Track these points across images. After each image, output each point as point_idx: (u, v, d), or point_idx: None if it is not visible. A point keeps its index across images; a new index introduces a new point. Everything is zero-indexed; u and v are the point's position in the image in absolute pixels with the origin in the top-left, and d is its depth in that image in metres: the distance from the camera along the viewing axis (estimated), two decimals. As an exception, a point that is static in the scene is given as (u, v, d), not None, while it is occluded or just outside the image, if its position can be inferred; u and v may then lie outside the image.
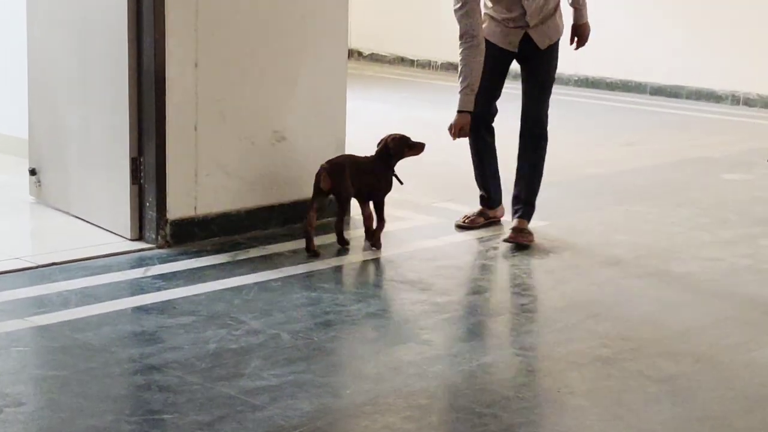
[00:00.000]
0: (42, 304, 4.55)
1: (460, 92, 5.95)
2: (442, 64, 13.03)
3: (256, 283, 4.92)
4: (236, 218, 5.63)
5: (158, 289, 4.79)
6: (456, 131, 5.98)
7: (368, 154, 5.73)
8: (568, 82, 12.01)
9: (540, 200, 6.32)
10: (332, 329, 4.47)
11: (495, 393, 3.85)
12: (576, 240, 5.86)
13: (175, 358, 4.04)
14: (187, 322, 4.40)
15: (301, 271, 5.12)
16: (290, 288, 4.88)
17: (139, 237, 5.44)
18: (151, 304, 4.62)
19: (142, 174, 5.41)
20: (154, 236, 5.39)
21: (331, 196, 5.58)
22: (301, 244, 5.49)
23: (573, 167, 7.54)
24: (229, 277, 5.00)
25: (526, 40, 5.93)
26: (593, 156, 8.22)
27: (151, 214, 5.39)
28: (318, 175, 5.46)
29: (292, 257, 5.33)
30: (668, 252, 5.70)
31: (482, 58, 5.86)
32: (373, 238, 5.59)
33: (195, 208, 5.48)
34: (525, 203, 5.89)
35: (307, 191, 5.75)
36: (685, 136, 9.23)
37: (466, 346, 4.28)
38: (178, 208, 5.42)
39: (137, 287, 4.83)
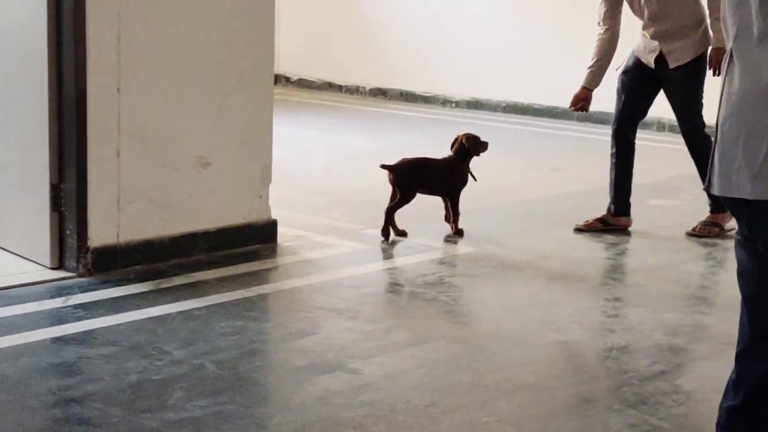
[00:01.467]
0: (-42, 335, 4.43)
1: (587, 68, 6.74)
2: (370, 89, 13.03)
3: (179, 312, 4.83)
4: (160, 246, 5.54)
5: (79, 319, 4.69)
6: (573, 101, 6.95)
7: (444, 156, 6.46)
8: (496, 108, 12.07)
9: (468, 225, 6.35)
10: (258, 358, 4.40)
11: (421, 423, 3.80)
12: (504, 267, 5.84)
13: (96, 389, 3.95)
14: (109, 353, 4.31)
15: (226, 300, 5.04)
16: (215, 317, 4.80)
17: (60, 265, 5.33)
18: (71, 334, 4.51)
19: (62, 201, 5.30)
20: (74, 264, 5.28)
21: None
22: (227, 272, 5.46)
23: (501, 192, 7.55)
24: (152, 306, 4.91)
25: (661, 60, 6.48)
26: (522, 181, 8.24)
27: (71, 241, 5.28)
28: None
29: (217, 285, 5.25)
30: (596, 278, 5.70)
31: (612, 48, 6.58)
32: (455, 229, 6.35)
33: (117, 235, 5.39)
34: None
35: (232, 218, 5.74)
36: (611, 161, 9.27)
37: (394, 374, 4.23)
38: (99, 235, 5.32)
39: (57, 317, 4.72)
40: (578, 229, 6.64)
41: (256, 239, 5.93)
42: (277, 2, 6.10)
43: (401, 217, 6.34)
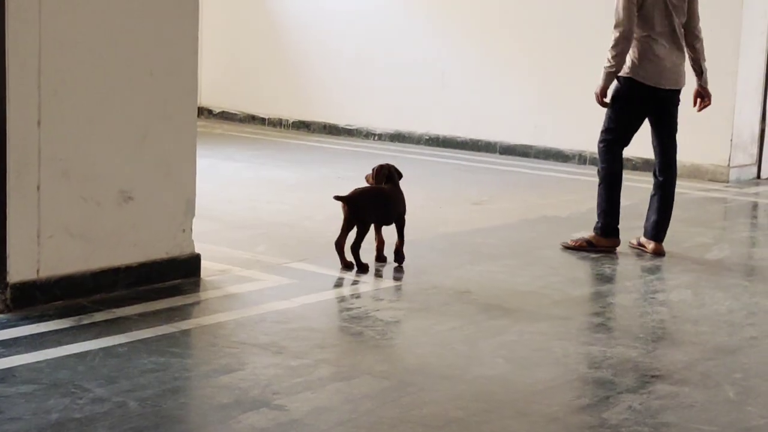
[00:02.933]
0: None
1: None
2: (293, 122, 13.00)
3: (101, 349, 4.75)
4: (81, 281, 5.44)
5: (-3, 357, 4.59)
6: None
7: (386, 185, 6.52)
8: (419, 141, 12.10)
9: (392, 259, 6.37)
10: (181, 396, 4.33)
11: (349, 459, 3.77)
12: (430, 300, 5.83)
13: (15, 429, 3.85)
14: (28, 391, 4.21)
15: (148, 336, 4.97)
16: (137, 353, 4.72)
17: (-22, 301, 5.22)
18: (-11, 372, 4.41)
19: (-20, 235, 5.19)
20: (-7, 301, 5.18)
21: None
22: (149, 307, 5.40)
23: (425, 226, 7.55)
24: (73, 342, 4.82)
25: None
26: (444, 215, 8.25)
27: (-10, 277, 5.18)
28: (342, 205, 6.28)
29: (139, 321, 5.17)
30: (520, 311, 5.71)
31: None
32: (384, 260, 6.47)
33: (37, 270, 5.29)
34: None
35: (154, 252, 5.69)
36: (534, 194, 9.35)
37: (320, 410, 4.19)
38: (19, 270, 5.22)
39: (-26, 355, 4.62)
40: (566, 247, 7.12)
41: (179, 274, 5.86)
42: (200, 34, 6.06)
43: (321, 244, 6.30)
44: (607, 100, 7.01)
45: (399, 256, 6.47)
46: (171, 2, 5.75)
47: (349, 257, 6.30)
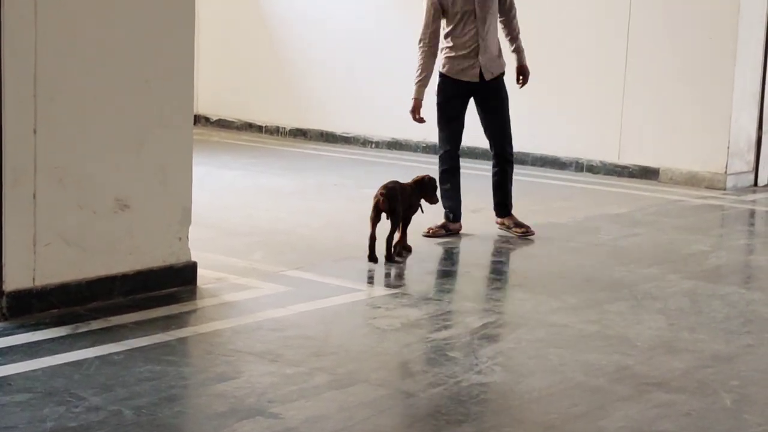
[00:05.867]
0: None
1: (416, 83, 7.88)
2: (290, 130, 13.00)
3: (97, 357, 4.74)
4: (77, 289, 5.44)
5: (-8, 365, 4.58)
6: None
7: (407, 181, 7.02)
8: (416, 148, 12.10)
9: (388, 267, 6.35)
10: (177, 404, 4.33)
11: (345, 468, 3.76)
12: (425, 307, 5.83)
13: (10, 438, 3.85)
14: (23, 400, 4.20)
15: (144, 344, 4.96)
16: (133, 361, 4.72)
17: (-27, 310, 5.21)
18: (-16, 381, 4.40)
19: (-24, 244, 5.19)
20: (-11, 309, 5.17)
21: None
22: (145, 315, 5.39)
23: (421, 233, 7.54)
24: (68, 350, 4.81)
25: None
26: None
27: (-15, 285, 5.17)
28: (376, 199, 6.59)
29: (135, 329, 5.16)
30: (517, 319, 5.71)
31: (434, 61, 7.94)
32: (396, 251, 6.69)
33: (33, 278, 5.28)
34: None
35: (150, 260, 5.67)
36: (531, 202, 9.34)
37: (316, 419, 4.19)
38: (15, 279, 5.21)
39: (-30, 363, 4.61)
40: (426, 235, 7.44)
41: (176, 282, 5.86)
42: (196, 42, 6.07)
43: (318, 252, 6.29)
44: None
45: (407, 246, 6.88)
46: (167, 10, 5.76)
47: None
